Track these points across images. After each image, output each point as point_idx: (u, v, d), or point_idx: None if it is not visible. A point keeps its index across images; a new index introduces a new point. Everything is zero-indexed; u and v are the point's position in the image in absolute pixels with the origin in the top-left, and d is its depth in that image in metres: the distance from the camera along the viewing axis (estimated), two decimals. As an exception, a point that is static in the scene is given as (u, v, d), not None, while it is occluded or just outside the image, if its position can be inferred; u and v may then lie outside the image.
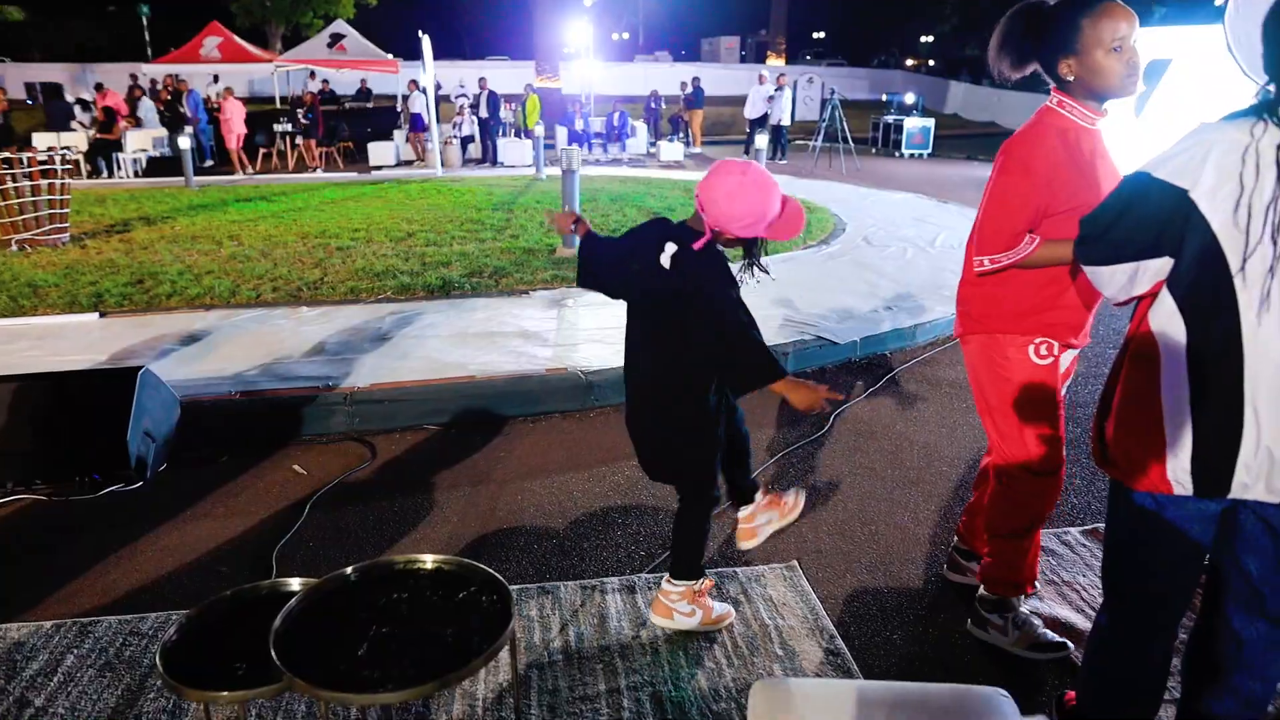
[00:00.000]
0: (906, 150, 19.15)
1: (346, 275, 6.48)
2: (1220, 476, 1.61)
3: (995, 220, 2.24)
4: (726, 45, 40.32)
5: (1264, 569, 1.74)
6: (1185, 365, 1.60)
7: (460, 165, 16.32)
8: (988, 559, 2.60)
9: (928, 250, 7.97)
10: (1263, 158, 1.49)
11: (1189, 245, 1.56)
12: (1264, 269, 1.49)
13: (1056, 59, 2.21)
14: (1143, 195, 1.62)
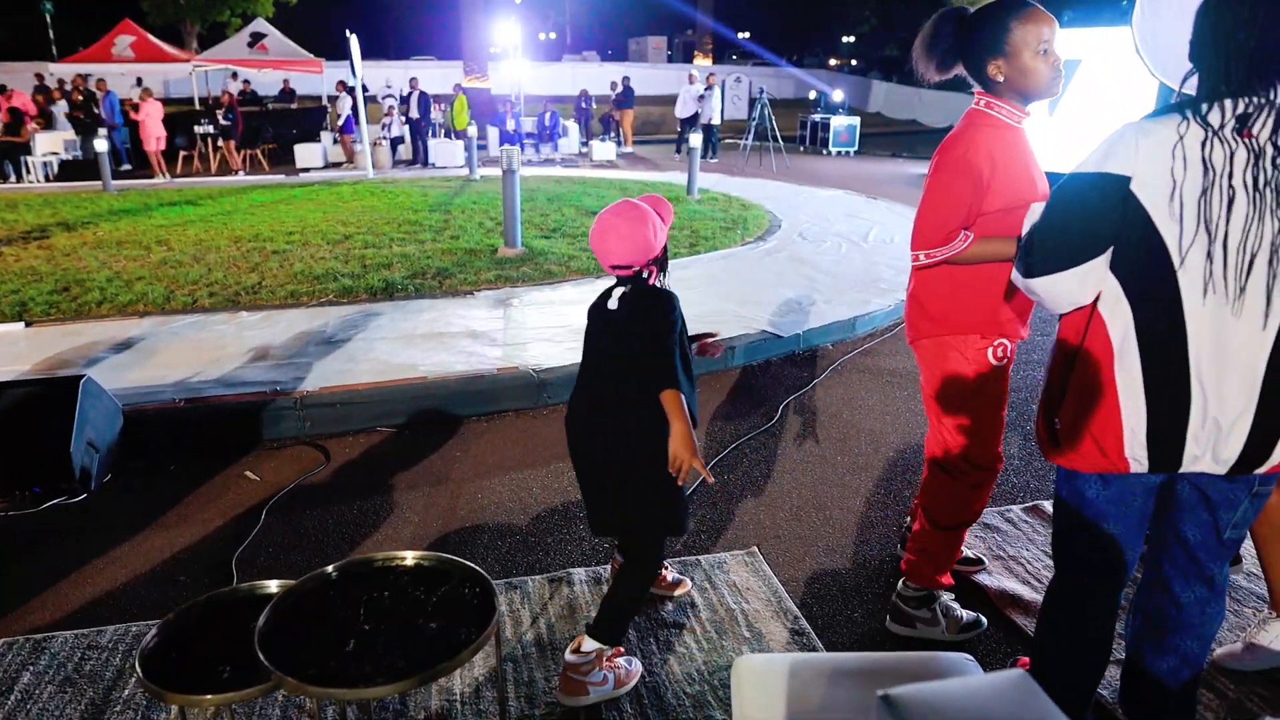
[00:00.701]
0: (834, 148, 19.55)
1: (285, 279, 6.35)
2: (1173, 451, 1.72)
3: (931, 217, 2.29)
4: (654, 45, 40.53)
5: (1200, 537, 1.89)
6: (1137, 348, 1.69)
7: (391, 167, 16.08)
8: (918, 555, 2.62)
9: (861, 245, 8.19)
10: (1189, 153, 1.61)
11: (1130, 233, 1.66)
12: (1202, 256, 1.62)
13: (985, 61, 2.28)
14: (1087, 191, 1.70)
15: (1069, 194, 1.73)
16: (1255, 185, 1.58)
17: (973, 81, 2.36)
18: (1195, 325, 1.64)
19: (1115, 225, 1.67)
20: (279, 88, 21.48)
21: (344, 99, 16.62)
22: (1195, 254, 1.61)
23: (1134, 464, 1.77)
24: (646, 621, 2.70)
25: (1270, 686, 2.40)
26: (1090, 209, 1.69)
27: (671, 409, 2.15)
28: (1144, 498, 1.87)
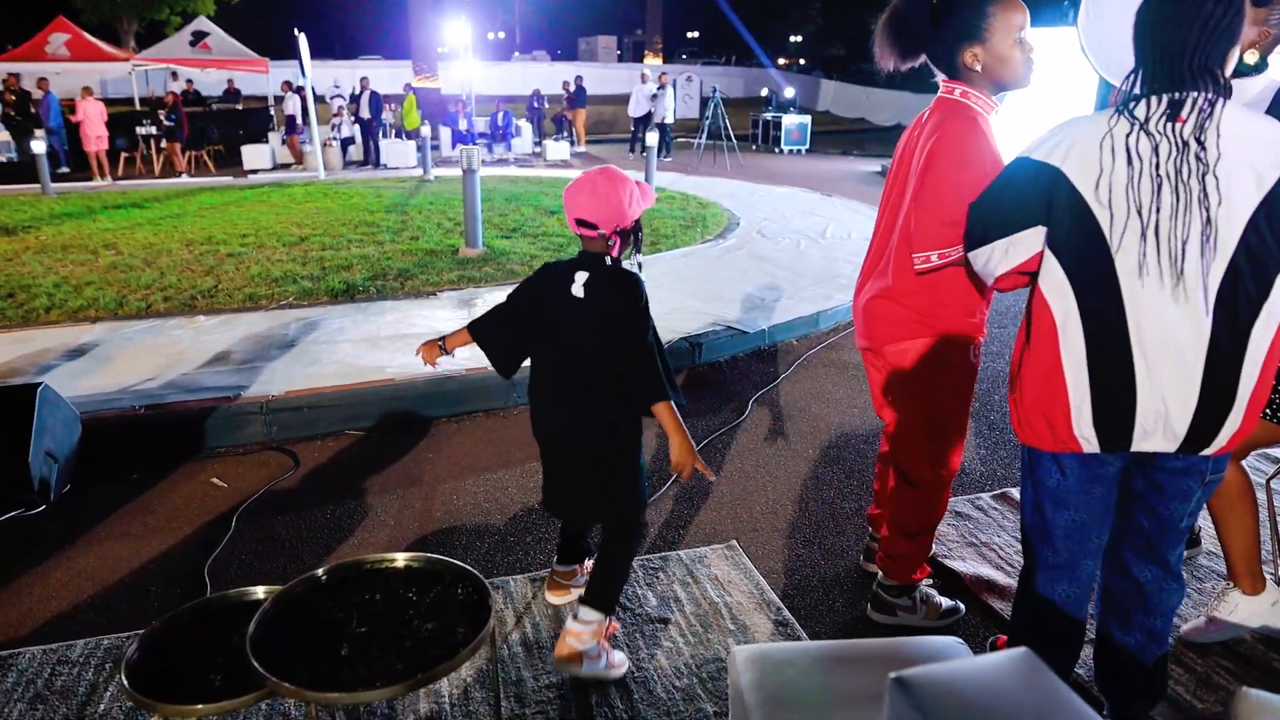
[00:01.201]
0: (786, 146, 19.74)
1: (242, 282, 6.22)
2: (1122, 428, 1.78)
3: (940, 214, 2.14)
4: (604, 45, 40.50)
5: (1154, 525, 1.96)
6: (1080, 328, 1.76)
7: (342, 168, 15.83)
8: (891, 559, 2.62)
9: (819, 241, 8.30)
10: (1116, 144, 1.69)
11: (1065, 215, 1.74)
12: (1136, 239, 1.68)
13: (961, 47, 2.20)
14: (1019, 172, 1.81)
15: (1004, 175, 1.87)
16: (1180, 175, 1.65)
17: (938, 71, 2.29)
18: (1134, 306, 1.70)
19: (1041, 205, 1.77)
20: (223, 88, 21.03)
21: (291, 99, 16.33)
22: (1129, 238, 1.69)
23: (1085, 443, 1.82)
24: (631, 618, 2.71)
25: (1233, 658, 2.49)
26: (1017, 188, 1.81)
27: (667, 424, 2.20)
28: (1106, 485, 1.93)
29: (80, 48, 19.69)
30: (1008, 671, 1.25)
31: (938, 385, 2.42)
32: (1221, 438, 1.77)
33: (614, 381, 2.27)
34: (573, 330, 2.30)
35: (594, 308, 2.26)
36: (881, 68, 2.37)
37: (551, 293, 2.33)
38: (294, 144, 16.24)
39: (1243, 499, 2.47)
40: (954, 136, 2.17)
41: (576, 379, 2.31)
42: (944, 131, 2.19)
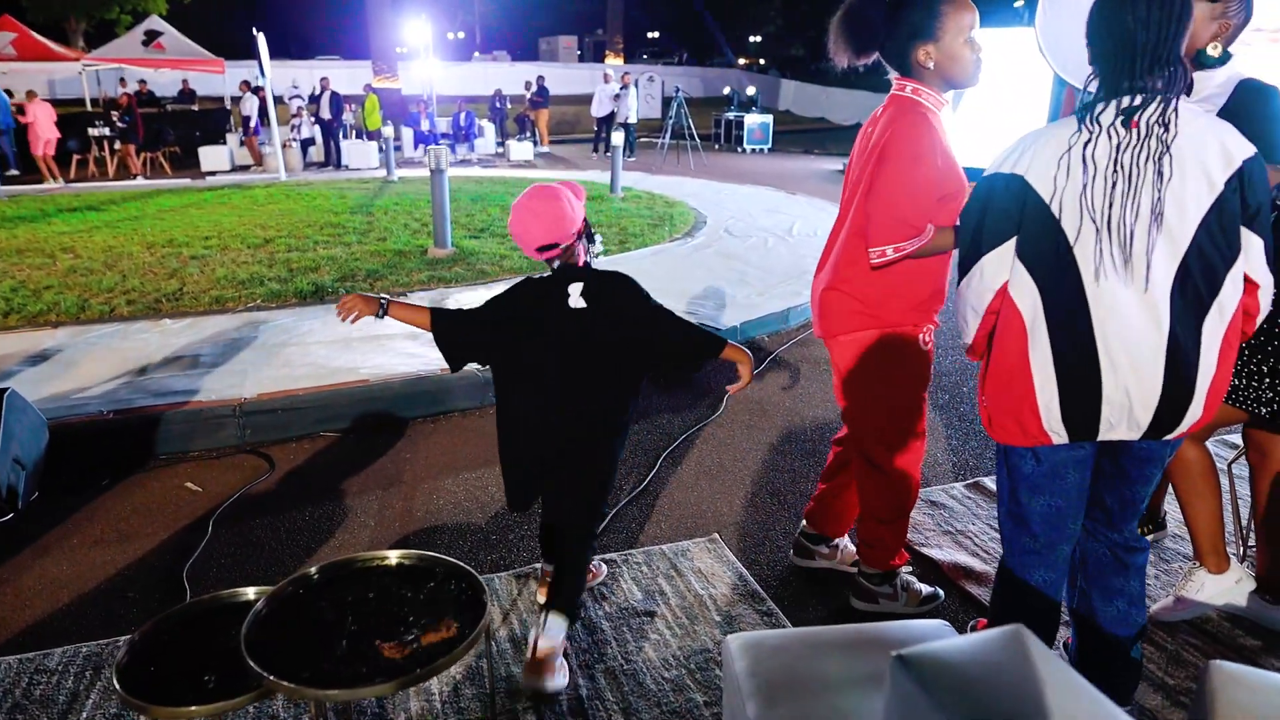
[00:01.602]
0: (748, 146, 19.87)
1: (208, 284, 6.13)
2: (1089, 422, 1.84)
3: (894, 210, 2.19)
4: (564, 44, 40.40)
5: (1117, 504, 2.05)
6: (1045, 327, 1.81)
7: (302, 169, 15.65)
8: (869, 546, 2.66)
9: (786, 239, 8.38)
10: (1073, 157, 1.75)
11: (1032, 223, 1.79)
12: (1091, 238, 1.75)
13: (914, 45, 2.24)
14: (996, 187, 1.84)
15: (979, 191, 1.90)
16: (1135, 162, 1.70)
17: (891, 68, 2.33)
18: (1097, 305, 1.75)
19: (1016, 216, 1.81)
20: (178, 88, 20.65)
21: (250, 99, 16.08)
22: (1088, 239, 1.75)
23: (1055, 436, 1.88)
24: (618, 611, 2.73)
25: (1201, 635, 2.58)
26: (996, 200, 1.84)
27: (737, 357, 2.38)
28: (1079, 471, 1.99)
29: (27, 47, 19.16)
30: (1002, 646, 1.30)
31: (890, 375, 2.47)
32: (1183, 426, 1.84)
33: (622, 381, 2.33)
34: (574, 339, 2.31)
35: (600, 312, 2.28)
36: (836, 64, 2.39)
37: (542, 307, 2.32)
38: (253, 145, 16.00)
39: (1206, 482, 2.56)
40: (905, 133, 2.21)
41: (579, 385, 2.33)
42: (896, 128, 2.24)
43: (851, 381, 2.53)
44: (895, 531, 2.65)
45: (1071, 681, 1.22)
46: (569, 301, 2.29)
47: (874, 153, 2.28)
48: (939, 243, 2.26)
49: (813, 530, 2.95)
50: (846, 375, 2.54)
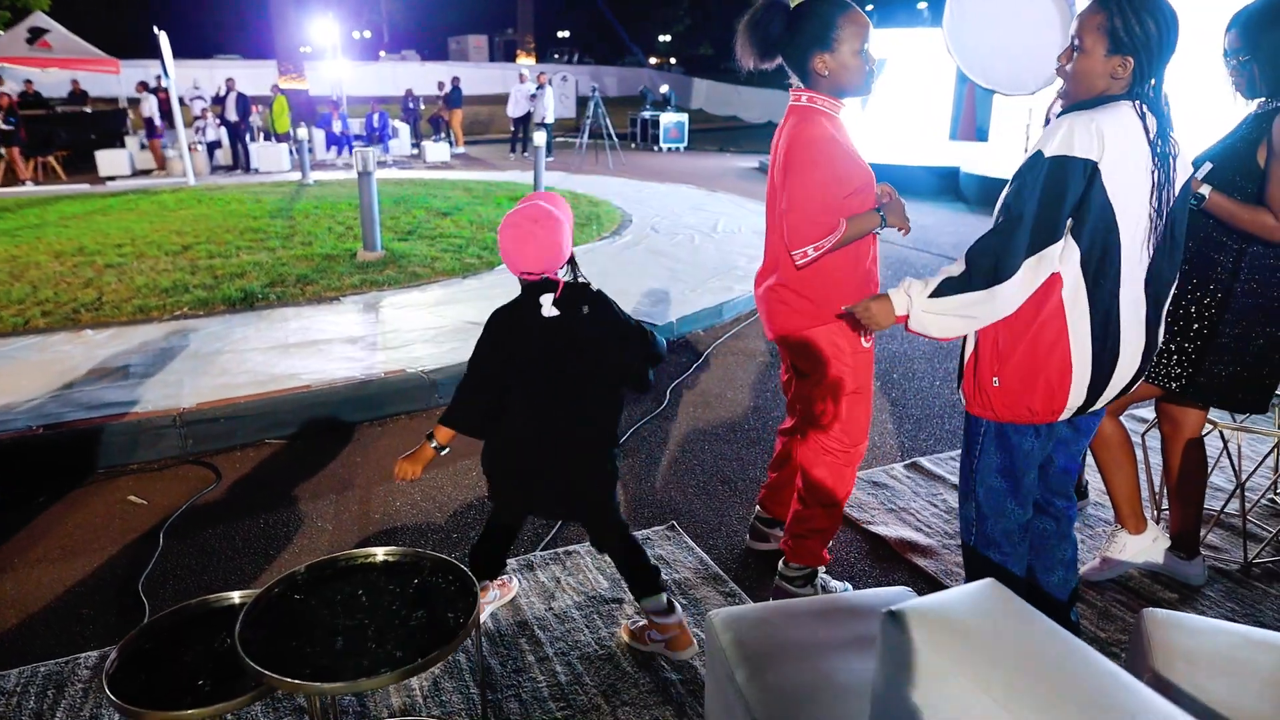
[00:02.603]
0: (664, 145, 20.08)
1: (129, 293, 5.92)
2: (1094, 401, 2.01)
3: (806, 211, 2.31)
4: (474, 44, 40.01)
5: (1066, 460, 2.24)
6: (1088, 310, 1.92)
7: (210, 173, 15.12)
8: (806, 537, 2.71)
9: (712, 236, 8.56)
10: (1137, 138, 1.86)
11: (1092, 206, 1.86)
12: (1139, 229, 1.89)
13: (811, 53, 2.34)
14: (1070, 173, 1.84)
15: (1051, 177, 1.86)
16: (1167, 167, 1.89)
17: (791, 73, 2.43)
18: (1126, 286, 1.92)
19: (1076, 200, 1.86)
20: (68, 89, 19.63)
21: (150, 101, 15.45)
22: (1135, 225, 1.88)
23: (1066, 412, 2.03)
24: (587, 600, 2.81)
25: (1125, 592, 2.81)
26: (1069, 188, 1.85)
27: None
28: (1048, 438, 2.16)
29: (-103, 46, 17.96)
30: (982, 598, 1.43)
31: (838, 370, 2.55)
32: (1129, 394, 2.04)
33: (605, 380, 2.35)
34: (553, 346, 2.31)
35: (573, 318, 2.29)
36: (742, 66, 2.49)
37: (518, 326, 2.32)
38: (155, 148, 15.37)
39: (1125, 453, 2.79)
40: (802, 140, 2.33)
41: (565, 389, 2.33)
42: (793, 137, 2.36)
43: (808, 376, 2.60)
44: (834, 519, 2.72)
45: (1045, 625, 1.36)
46: (542, 312, 2.28)
47: (777, 162, 2.42)
48: (853, 231, 2.36)
49: (767, 515, 3.07)
50: (803, 370, 2.61)
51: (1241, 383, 2.47)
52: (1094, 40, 1.89)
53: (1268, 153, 2.34)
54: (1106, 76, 1.90)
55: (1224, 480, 3.50)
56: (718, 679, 1.93)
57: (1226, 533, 3.14)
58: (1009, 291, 1.91)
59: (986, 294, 1.91)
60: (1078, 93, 1.96)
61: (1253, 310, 2.43)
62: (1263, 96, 2.43)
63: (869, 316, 2.09)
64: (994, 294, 1.91)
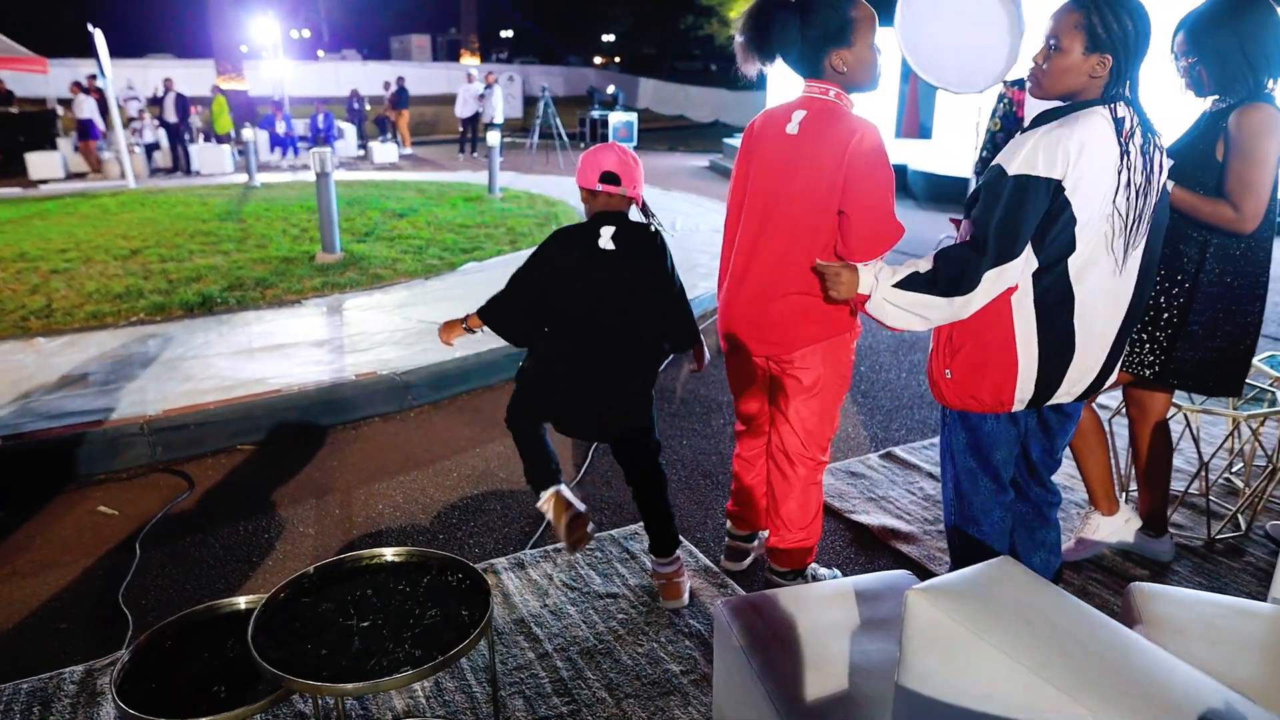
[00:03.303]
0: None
1: (80, 300, 5.74)
2: (1048, 395, 2.08)
3: (886, 214, 2.28)
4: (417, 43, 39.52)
5: (1040, 451, 2.32)
6: (1034, 315, 2.00)
7: (149, 175, 14.69)
8: (795, 543, 2.70)
9: (671, 234, 8.60)
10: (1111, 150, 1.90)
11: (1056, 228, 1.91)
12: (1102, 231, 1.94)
13: (828, 50, 2.30)
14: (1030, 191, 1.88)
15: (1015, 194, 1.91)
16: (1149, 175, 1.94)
17: (799, 73, 2.39)
18: (1080, 288, 1.98)
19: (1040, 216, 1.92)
20: (-8, 90, 18.86)
21: (84, 101, 14.95)
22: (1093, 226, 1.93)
23: (1017, 405, 2.11)
24: (582, 596, 2.82)
25: (1102, 571, 2.93)
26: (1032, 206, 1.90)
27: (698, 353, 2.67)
28: (1017, 430, 2.24)
29: None
30: (999, 574, 1.49)
31: (843, 376, 2.56)
32: (1103, 389, 2.12)
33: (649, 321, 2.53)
34: (603, 278, 2.43)
35: (625, 258, 2.42)
36: (746, 73, 2.44)
37: (574, 251, 2.45)
38: (90, 150, 14.88)
39: (1098, 439, 2.91)
40: (873, 141, 2.27)
41: (610, 320, 2.46)
42: (864, 141, 2.26)
43: (805, 390, 2.52)
44: (820, 520, 2.74)
45: (1061, 595, 1.42)
46: (599, 242, 2.41)
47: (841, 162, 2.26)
48: None
49: (742, 531, 2.97)
50: (810, 384, 2.51)
51: (1211, 368, 2.59)
52: (1072, 39, 1.93)
53: (1225, 148, 2.45)
54: (1085, 75, 1.96)
55: (1183, 462, 3.65)
56: (730, 667, 1.96)
57: (1190, 511, 3.28)
58: (966, 302, 1.97)
59: (946, 301, 1.97)
60: (1053, 91, 2.01)
61: (1218, 298, 2.55)
62: (1213, 95, 2.55)
63: (837, 281, 2.12)
64: (952, 303, 1.97)
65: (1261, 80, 2.43)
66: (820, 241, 2.36)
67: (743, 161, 2.53)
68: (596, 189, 2.44)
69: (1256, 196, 2.38)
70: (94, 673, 2.47)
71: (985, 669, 1.32)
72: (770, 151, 2.43)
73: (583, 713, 2.30)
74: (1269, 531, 3.14)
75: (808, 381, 2.51)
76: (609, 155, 2.43)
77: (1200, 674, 1.23)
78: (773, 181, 2.42)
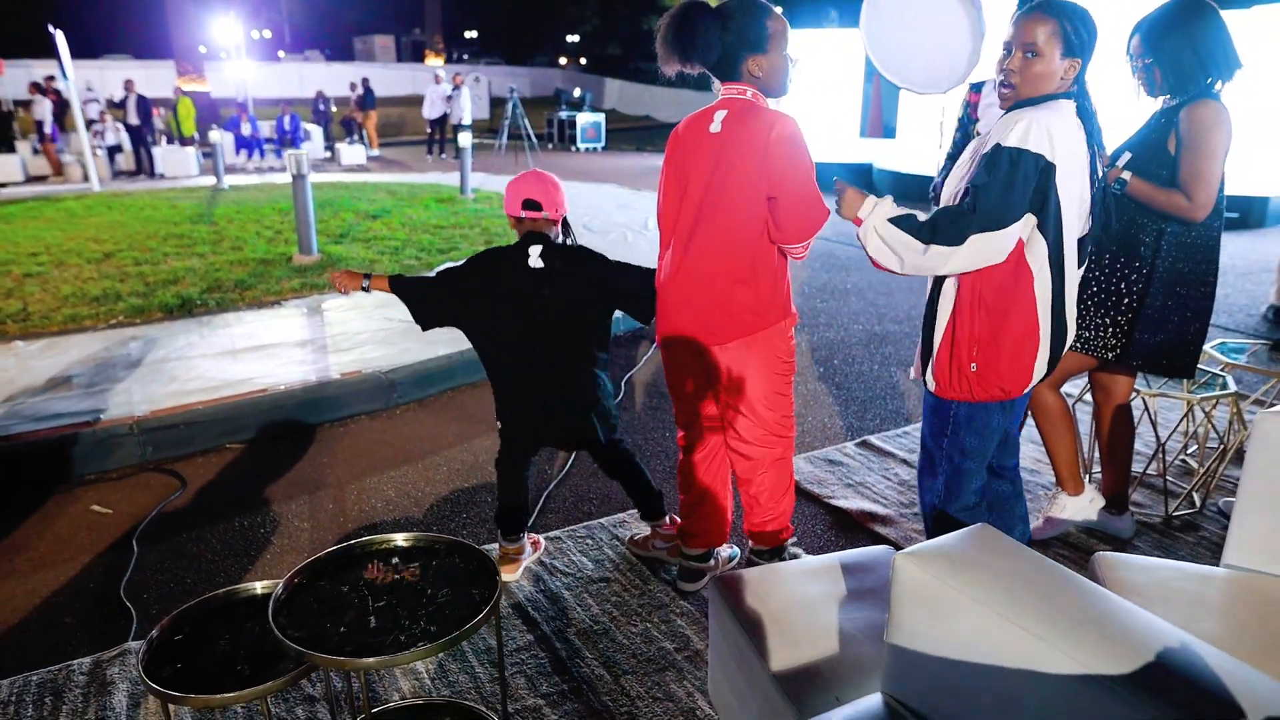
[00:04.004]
0: (582, 145, 20.21)
1: (56, 303, 5.72)
2: (1049, 371, 2.24)
3: (813, 199, 2.38)
4: (381, 44, 39.26)
5: (1016, 428, 2.50)
6: (1050, 293, 2.14)
7: (111, 178, 14.50)
8: (771, 524, 2.77)
9: (644, 233, 8.74)
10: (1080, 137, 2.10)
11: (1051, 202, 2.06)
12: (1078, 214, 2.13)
13: (743, 56, 2.40)
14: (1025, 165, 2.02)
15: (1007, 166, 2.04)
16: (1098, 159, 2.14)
17: (715, 76, 2.47)
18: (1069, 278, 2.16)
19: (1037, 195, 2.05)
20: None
21: (42, 103, 14.74)
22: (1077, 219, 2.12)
23: (1031, 384, 2.25)
24: (574, 581, 2.92)
25: (1067, 546, 3.09)
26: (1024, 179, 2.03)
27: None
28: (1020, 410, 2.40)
29: None
30: (979, 540, 1.62)
31: (788, 360, 2.64)
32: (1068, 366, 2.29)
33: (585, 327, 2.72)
34: (538, 296, 2.64)
35: (554, 275, 2.62)
36: (665, 72, 2.50)
37: (502, 269, 2.66)
38: (51, 153, 14.66)
39: (1064, 422, 3.07)
40: (792, 130, 2.37)
41: (548, 337, 2.68)
42: (782, 130, 2.36)
43: (766, 379, 2.59)
44: (792, 498, 2.83)
45: (1040, 558, 1.56)
46: (529, 261, 2.61)
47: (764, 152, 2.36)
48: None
49: (697, 549, 2.89)
50: (759, 374, 2.57)
51: (1168, 350, 2.77)
52: (1050, 45, 2.09)
53: (1177, 143, 2.63)
54: (1058, 78, 2.12)
55: (1141, 445, 3.84)
56: (726, 637, 2.08)
57: (1149, 490, 3.47)
58: (941, 254, 2.07)
59: (924, 247, 2.09)
60: (1028, 93, 2.17)
61: (1173, 283, 2.73)
62: (1166, 94, 2.72)
63: (844, 199, 2.27)
64: (929, 251, 2.09)
65: (1211, 79, 2.61)
66: (755, 229, 2.43)
67: (669, 165, 2.57)
68: (521, 215, 2.69)
69: (1207, 186, 2.55)
70: (102, 664, 2.53)
71: (968, 622, 1.45)
72: (698, 151, 2.49)
73: (583, 689, 2.41)
74: (1221, 508, 3.33)
75: (761, 372, 2.57)
76: (529, 184, 2.67)
77: (1159, 619, 1.37)
78: (705, 177, 2.47)
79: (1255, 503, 2.13)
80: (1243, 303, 6.35)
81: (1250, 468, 2.11)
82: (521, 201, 2.66)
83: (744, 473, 2.74)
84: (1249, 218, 9.38)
